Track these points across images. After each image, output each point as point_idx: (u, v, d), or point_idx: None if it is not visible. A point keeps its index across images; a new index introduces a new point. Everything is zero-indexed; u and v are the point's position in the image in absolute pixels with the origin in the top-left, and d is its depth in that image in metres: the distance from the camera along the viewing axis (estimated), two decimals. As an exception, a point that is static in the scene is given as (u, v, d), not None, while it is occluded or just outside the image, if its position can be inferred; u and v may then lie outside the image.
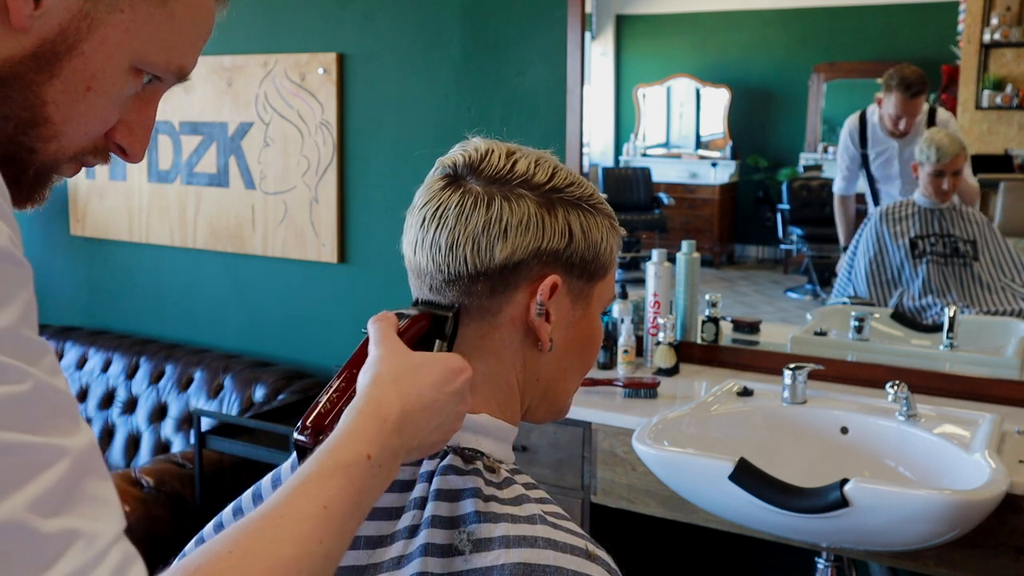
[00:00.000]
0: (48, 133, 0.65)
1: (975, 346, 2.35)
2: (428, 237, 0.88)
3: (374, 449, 0.74)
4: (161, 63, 0.68)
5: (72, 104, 0.65)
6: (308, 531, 0.67)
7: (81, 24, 0.63)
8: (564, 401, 0.97)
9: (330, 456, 0.72)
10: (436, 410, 0.80)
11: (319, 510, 0.69)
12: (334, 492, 0.70)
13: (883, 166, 2.52)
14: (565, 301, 0.90)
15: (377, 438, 0.75)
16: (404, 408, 0.77)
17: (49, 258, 3.68)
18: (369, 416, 0.76)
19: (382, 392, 0.78)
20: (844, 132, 2.57)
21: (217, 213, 3.23)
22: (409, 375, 0.80)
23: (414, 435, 0.78)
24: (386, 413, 0.76)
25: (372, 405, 0.77)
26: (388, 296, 2.89)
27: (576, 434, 2.21)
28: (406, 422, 0.77)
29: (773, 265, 2.87)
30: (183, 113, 3.25)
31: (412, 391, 0.79)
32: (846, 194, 2.61)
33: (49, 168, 0.68)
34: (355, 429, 0.75)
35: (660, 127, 2.94)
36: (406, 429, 0.77)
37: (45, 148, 0.66)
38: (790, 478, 1.79)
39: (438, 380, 0.81)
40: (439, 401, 0.80)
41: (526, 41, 2.65)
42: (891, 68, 2.45)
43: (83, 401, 3.33)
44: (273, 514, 0.67)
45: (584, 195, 0.90)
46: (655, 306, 2.50)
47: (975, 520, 1.71)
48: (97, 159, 0.71)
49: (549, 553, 0.79)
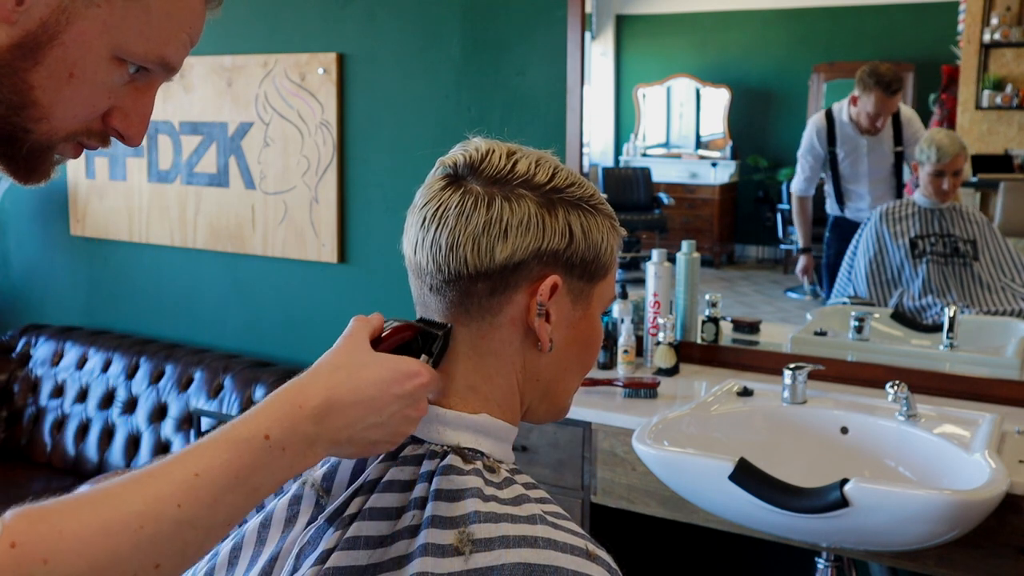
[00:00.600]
0: (37, 115, 0.71)
1: (975, 346, 2.35)
2: (428, 237, 0.88)
3: (276, 431, 0.75)
4: (140, 53, 0.72)
5: (57, 89, 0.70)
6: (166, 492, 0.68)
7: (60, 17, 0.68)
8: (564, 401, 0.98)
9: (227, 430, 0.75)
10: (374, 408, 0.80)
11: (188, 476, 0.70)
12: (213, 463, 0.71)
13: (852, 164, 2.53)
14: (565, 301, 0.90)
15: (283, 421, 0.76)
16: (329, 398, 0.78)
17: (49, 258, 3.68)
18: (285, 400, 0.78)
19: (311, 379, 0.80)
20: (809, 132, 2.58)
21: (217, 213, 3.23)
22: (349, 368, 0.81)
23: (341, 428, 0.79)
24: (305, 399, 0.78)
25: (294, 390, 0.79)
26: (388, 296, 2.89)
27: (576, 434, 2.21)
28: (331, 412, 0.78)
29: (773, 265, 2.87)
30: (183, 113, 3.25)
31: (346, 383, 0.80)
32: (806, 194, 2.63)
33: (44, 147, 0.73)
34: (264, 409, 0.77)
35: (660, 127, 2.94)
36: (330, 420, 0.78)
37: (37, 128, 0.71)
38: (790, 478, 1.79)
39: (383, 379, 0.81)
40: (378, 400, 0.81)
41: (526, 41, 2.65)
42: (864, 67, 2.46)
43: (83, 401, 3.33)
44: (145, 472, 0.70)
45: (585, 195, 0.90)
46: (655, 306, 2.50)
47: (975, 520, 1.71)
48: (96, 142, 0.76)
49: (549, 553, 0.79)
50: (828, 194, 2.61)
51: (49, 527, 0.63)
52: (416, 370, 0.84)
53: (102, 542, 0.64)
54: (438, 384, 0.89)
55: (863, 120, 2.47)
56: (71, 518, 0.65)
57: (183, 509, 0.68)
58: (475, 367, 0.90)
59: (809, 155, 2.58)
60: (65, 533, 0.64)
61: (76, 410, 3.33)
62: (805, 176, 2.60)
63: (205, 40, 0.80)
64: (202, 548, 0.71)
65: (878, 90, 2.44)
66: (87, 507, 0.66)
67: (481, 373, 0.90)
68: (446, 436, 0.89)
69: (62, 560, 0.63)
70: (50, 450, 3.34)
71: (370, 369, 0.82)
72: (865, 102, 2.46)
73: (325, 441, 0.79)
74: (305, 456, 0.77)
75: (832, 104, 2.56)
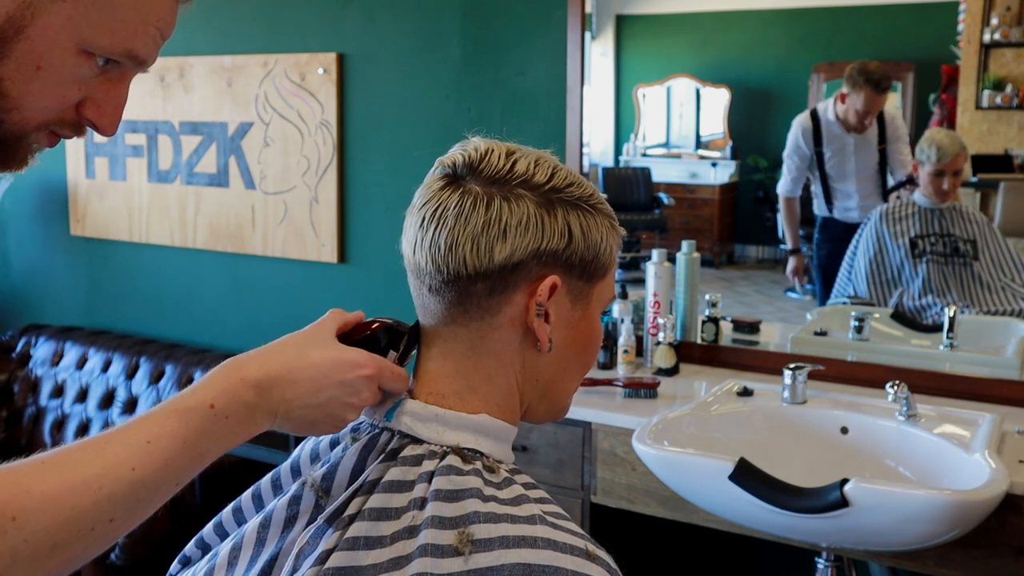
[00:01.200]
0: (7, 105, 0.72)
1: (975, 346, 2.35)
2: (427, 237, 0.88)
3: (221, 400, 0.81)
4: (107, 46, 0.73)
5: (26, 81, 0.72)
6: (123, 456, 0.75)
7: (25, 12, 0.70)
8: (564, 401, 0.97)
9: (174, 400, 0.81)
10: (312, 388, 0.86)
11: (141, 442, 0.76)
12: (163, 430, 0.78)
13: (838, 164, 2.53)
14: (564, 301, 0.90)
15: (228, 390, 0.82)
16: (269, 373, 0.84)
17: (49, 258, 3.68)
18: (231, 370, 0.84)
19: (256, 354, 0.86)
20: (795, 132, 2.58)
21: (217, 213, 3.23)
22: (298, 348, 0.87)
23: (279, 402, 0.85)
24: (247, 372, 0.84)
25: (236, 363, 0.85)
26: (388, 296, 2.89)
27: (576, 434, 2.21)
28: (271, 386, 0.84)
29: (773, 265, 2.87)
30: (183, 113, 3.25)
31: (288, 362, 0.85)
32: (793, 195, 2.63)
33: (16, 136, 0.74)
34: (212, 379, 0.83)
35: (660, 127, 2.94)
36: (269, 393, 0.84)
37: (8, 118, 0.73)
38: (790, 478, 1.79)
39: (326, 364, 0.86)
40: (317, 382, 0.86)
41: (526, 41, 2.65)
42: (853, 64, 2.46)
43: (83, 401, 3.33)
44: (100, 438, 0.76)
45: (584, 195, 0.90)
46: (655, 306, 2.50)
47: (975, 520, 1.71)
48: (69, 131, 0.77)
49: (549, 553, 0.79)
50: (816, 195, 2.61)
51: (18, 487, 0.70)
52: (361, 361, 0.88)
53: (68, 500, 0.71)
54: (397, 381, 0.91)
55: (851, 118, 2.47)
56: (38, 479, 0.71)
57: (137, 472, 0.75)
58: (474, 367, 0.90)
59: (795, 155, 2.58)
60: (33, 492, 0.70)
61: (76, 410, 3.33)
62: (792, 177, 2.61)
63: (205, 40, 0.81)
64: (151, 504, 0.78)
65: (868, 88, 2.44)
66: (52, 469, 0.72)
67: (480, 373, 0.90)
68: (446, 436, 0.89)
69: (30, 517, 0.69)
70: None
71: (316, 352, 0.87)
72: (854, 100, 2.46)
73: (264, 411, 0.84)
74: (247, 424, 0.83)
75: (816, 104, 2.56)
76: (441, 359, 0.91)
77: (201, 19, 3.18)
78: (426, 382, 0.92)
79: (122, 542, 2.60)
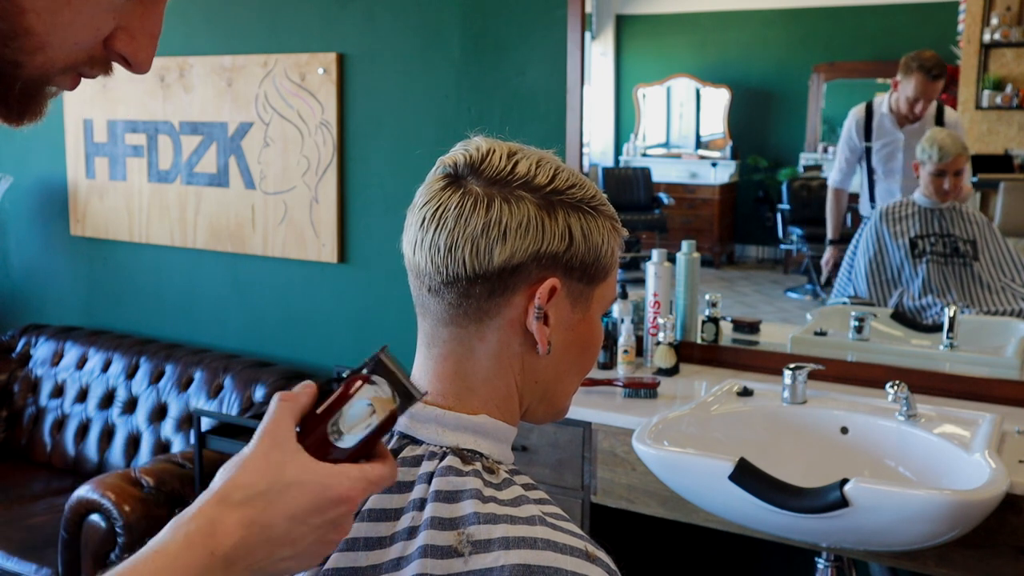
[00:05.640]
0: (31, 44, 0.59)
1: (975, 346, 2.35)
2: (427, 238, 0.87)
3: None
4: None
5: (55, 11, 0.59)
6: None
7: None
8: (563, 402, 0.97)
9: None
10: (288, 542, 0.72)
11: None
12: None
13: (886, 159, 2.51)
14: (564, 304, 0.89)
15: (200, 572, 0.69)
16: (243, 538, 0.70)
17: (49, 258, 3.68)
18: (196, 544, 0.69)
19: (222, 513, 0.71)
20: (849, 123, 2.55)
21: (217, 213, 3.23)
22: (265, 498, 0.71)
23: (251, 564, 0.71)
24: (216, 544, 0.69)
25: (205, 529, 0.70)
26: (388, 296, 2.89)
27: (576, 434, 2.21)
28: (242, 555, 0.71)
29: (773, 265, 2.87)
30: (183, 113, 3.25)
31: (260, 519, 0.71)
32: (841, 187, 2.60)
33: (38, 82, 0.62)
34: (174, 556, 0.69)
35: (660, 127, 2.94)
36: (240, 562, 0.71)
37: (31, 61, 0.60)
38: (790, 478, 1.79)
39: (303, 509, 0.72)
40: (294, 533, 0.72)
41: (526, 41, 2.65)
42: (909, 53, 2.43)
43: (83, 401, 3.33)
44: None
45: (585, 197, 0.89)
46: (655, 306, 2.50)
47: (975, 520, 1.71)
48: (96, 70, 0.65)
49: (548, 554, 0.79)
50: (862, 193, 2.58)
51: None
52: (344, 495, 0.73)
53: None
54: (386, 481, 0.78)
55: (902, 105, 2.43)
56: None
57: None
58: (473, 368, 0.90)
59: (846, 147, 2.56)
60: None
61: (76, 410, 3.33)
62: (840, 168, 2.58)
63: (205, 40, 0.79)
64: None
65: (920, 74, 2.41)
66: None
67: (480, 375, 0.90)
68: (445, 437, 0.89)
69: None
70: (50, 450, 3.34)
71: (291, 496, 0.72)
72: (905, 86, 2.43)
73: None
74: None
75: (874, 97, 2.53)
76: (440, 360, 0.91)
77: (201, 19, 3.18)
78: (425, 383, 0.92)
79: (122, 542, 2.59)
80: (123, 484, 2.62)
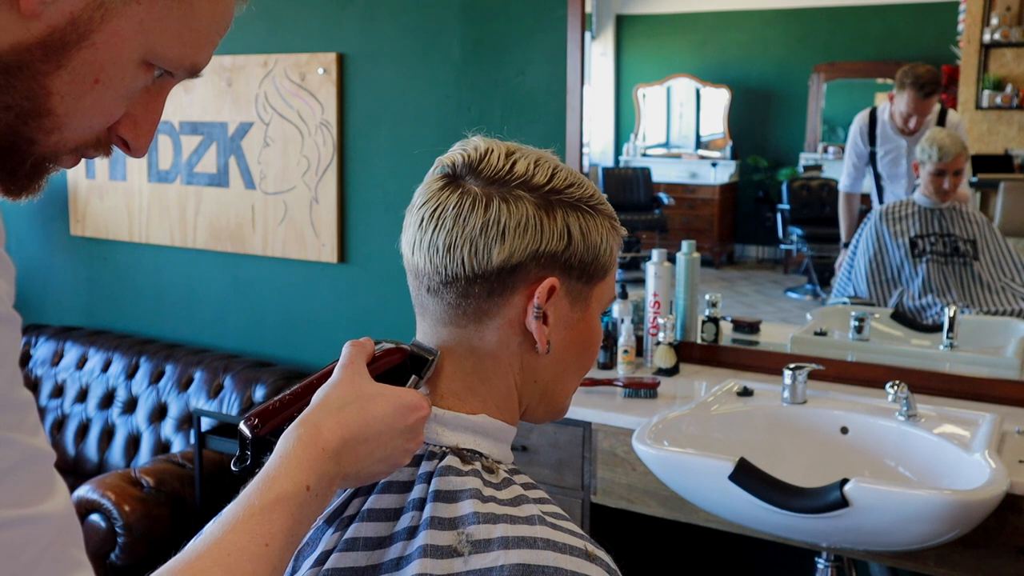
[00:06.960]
0: (50, 125, 0.62)
1: (975, 346, 2.35)
2: (426, 238, 0.87)
3: (313, 479, 0.76)
4: (175, 59, 0.65)
5: (78, 96, 0.62)
6: (251, 571, 0.70)
7: (94, 14, 0.60)
8: (563, 402, 0.97)
9: (271, 487, 0.75)
10: (380, 443, 0.81)
11: (261, 548, 0.71)
12: (275, 528, 0.73)
13: (890, 164, 2.51)
14: (563, 303, 0.89)
15: (316, 467, 0.77)
16: (344, 437, 0.79)
17: (49, 258, 3.68)
18: (308, 443, 0.77)
19: (324, 417, 0.80)
20: (854, 129, 2.56)
21: (217, 213, 3.23)
22: (357, 404, 0.81)
23: (352, 464, 0.80)
24: (325, 441, 0.78)
25: (311, 432, 0.78)
26: (388, 296, 2.89)
27: (576, 434, 2.21)
28: (345, 450, 0.79)
29: (773, 265, 2.87)
30: (183, 113, 3.25)
31: (356, 420, 0.80)
32: (851, 191, 2.60)
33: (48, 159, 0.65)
34: (295, 456, 0.77)
35: (660, 127, 2.94)
36: (344, 457, 0.79)
37: (46, 140, 0.63)
38: (790, 478, 1.79)
39: (388, 413, 0.82)
40: (385, 435, 0.81)
41: (526, 41, 2.65)
42: (905, 66, 2.44)
43: (83, 401, 3.33)
44: (219, 551, 0.70)
45: (584, 196, 0.89)
46: (655, 306, 2.50)
47: (975, 520, 1.71)
48: (99, 152, 0.68)
49: (548, 554, 0.79)
50: (872, 194, 2.59)
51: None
52: (418, 403, 0.84)
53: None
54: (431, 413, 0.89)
55: (896, 119, 2.45)
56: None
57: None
58: (473, 368, 0.90)
59: (852, 153, 2.56)
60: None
61: (76, 410, 3.33)
62: (848, 173, 2.59)
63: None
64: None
65: (912, 90, 2.42)
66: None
67: (479, 374, 0.90)
68: (444, 437, 0.89)
69: None
70: (50, 450, 3.34)
71: (377, 403, 0.82)
72: (899, 101, 2.44)
73: (339, 478, 0.80)
74: (326, 498, 0.79)
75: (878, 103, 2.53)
76: (439, 360, 0.91)
77: (201, 19, 3.17)
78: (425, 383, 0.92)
79: (122, 542, 2.59)
80: (123, 484, 2.62)
